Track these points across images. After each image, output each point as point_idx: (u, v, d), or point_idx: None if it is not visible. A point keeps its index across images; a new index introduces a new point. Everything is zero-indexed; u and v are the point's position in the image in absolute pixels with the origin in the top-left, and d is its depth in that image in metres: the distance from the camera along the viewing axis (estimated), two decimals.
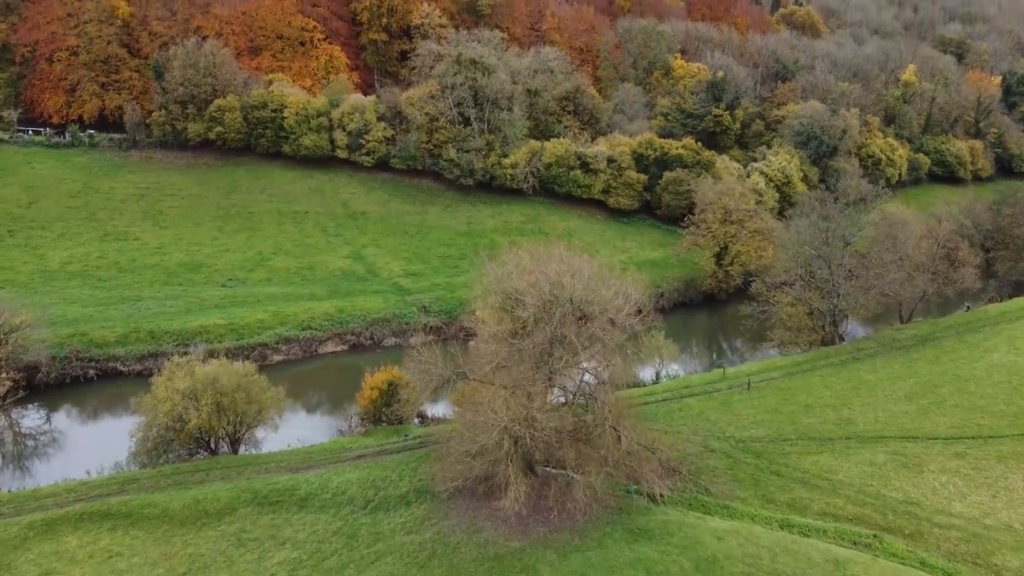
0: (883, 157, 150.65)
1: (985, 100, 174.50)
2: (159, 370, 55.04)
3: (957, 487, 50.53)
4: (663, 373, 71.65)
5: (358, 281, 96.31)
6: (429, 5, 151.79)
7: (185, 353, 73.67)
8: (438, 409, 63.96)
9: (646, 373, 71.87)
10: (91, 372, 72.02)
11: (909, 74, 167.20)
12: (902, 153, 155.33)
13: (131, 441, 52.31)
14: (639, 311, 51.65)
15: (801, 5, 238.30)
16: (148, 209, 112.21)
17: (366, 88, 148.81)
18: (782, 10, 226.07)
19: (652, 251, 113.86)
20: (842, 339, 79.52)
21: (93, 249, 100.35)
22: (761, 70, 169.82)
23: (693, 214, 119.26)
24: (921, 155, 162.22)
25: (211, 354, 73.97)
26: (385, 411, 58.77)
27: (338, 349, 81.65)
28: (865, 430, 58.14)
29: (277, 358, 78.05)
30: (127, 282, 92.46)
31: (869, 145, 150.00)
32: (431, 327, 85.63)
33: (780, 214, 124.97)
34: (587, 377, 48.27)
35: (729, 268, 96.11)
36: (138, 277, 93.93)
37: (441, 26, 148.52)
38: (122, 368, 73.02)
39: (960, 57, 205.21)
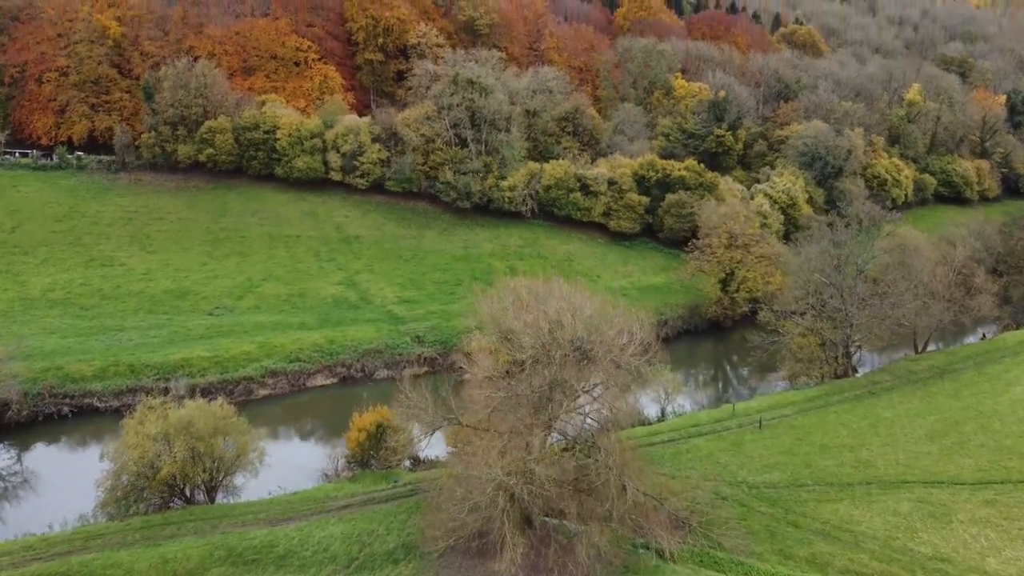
0: (889, 178, 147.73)
1: (991, 119, 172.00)
2: (131, 412, 51.32)
3: (990, 540, 46.76)
4: (669, 410, 67.98)
5: (350, 309, 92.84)
6: (426, 25, 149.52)
7: (165, 389, 70.60)
8: (431, 450, 60.20)
9: (651, 409, 68.21)
10: (65, 409, 68.34)
11: (913, 93, 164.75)
12: (908, 174, 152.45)
13: (98, 491, 48.56)
14: (645, 350, 48.03)
15: (801, 24, 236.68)
16: (135, 233, 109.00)
17: (362, 109, 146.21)
18: (782, 29, 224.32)
19: (654, 275, 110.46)
20: (855, 371, 75.96)
21: (77, 275, 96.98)
22: (763, 89, 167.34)
23: (696, 238, 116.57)
24: (927, 175, 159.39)
25: (193, 389, 70.76)
26: (374, 454, 55.08)
27: (327, 382, 78.00)
28: (886, 474, 54.43)
29: (263, 392, 74.38)
30: (110, 310, 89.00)
31: (874, 165, 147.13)
32: (425, 358, 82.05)
33: (786, 237, 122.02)
34: (589, 422, 44.70)
35: (735, 295, 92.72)
36: (122, 305, 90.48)
37: (438, 46, 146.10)
38: (98, 404, 69.34)
39: (963, 76, 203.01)
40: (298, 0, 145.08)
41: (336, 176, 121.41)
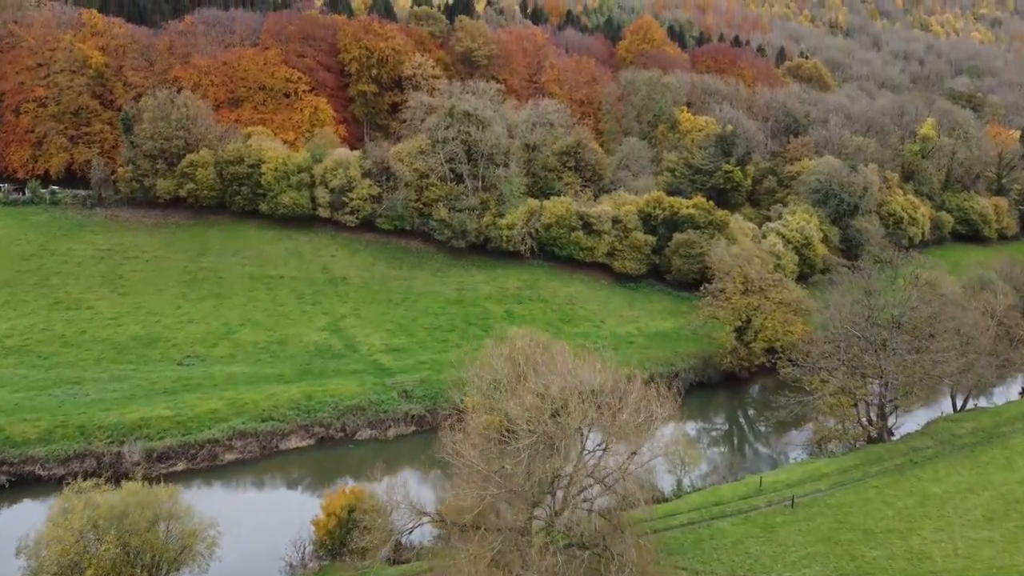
0: (905, 216, 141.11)
1: (1007, 155, 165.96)
2: (65, 488, 43.52)
3: None
4: (686, 482, 60.08)
5: (333, 358, 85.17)
6: (422, 56, 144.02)
7: (118, 454, 62.87)
8: (415, 534, 52.17)
9: (665, 481, 60.25)
10: (2, 478, 60.40)
11: (927, 128, 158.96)
12: (924, 211, 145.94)
13: None
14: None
15: (807, 58, 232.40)
16: (107, 274, 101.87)
17: (355, 142, 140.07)
18: (788, 63, 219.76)
19: (662, 320, 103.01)
20: (891, 434, 68.14)
21: (39, 320, 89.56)
22: (771, 124, 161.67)
23: (706, 279, 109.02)
24: (944, 213, 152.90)
25: (149, 454, 63.09)
26: (346, 542, 47.14)
27: (303, 444, 70.00)
28: (945, 568, 46.49)
29: (229, 457, 66.37)
30: (70, 360, 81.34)
31: (890, 203, 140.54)
32: (413, 416, 74.15)
33: (800, 278, 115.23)
34: (599, 520, 37.00)
35: (752, 344, 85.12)
36: (84, 354, 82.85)
37: (434, 77, 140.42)
38: (41, 472, 61.37)
39: (975, 110, 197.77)
40: (289, 29, 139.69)
41: (324, 213, 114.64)
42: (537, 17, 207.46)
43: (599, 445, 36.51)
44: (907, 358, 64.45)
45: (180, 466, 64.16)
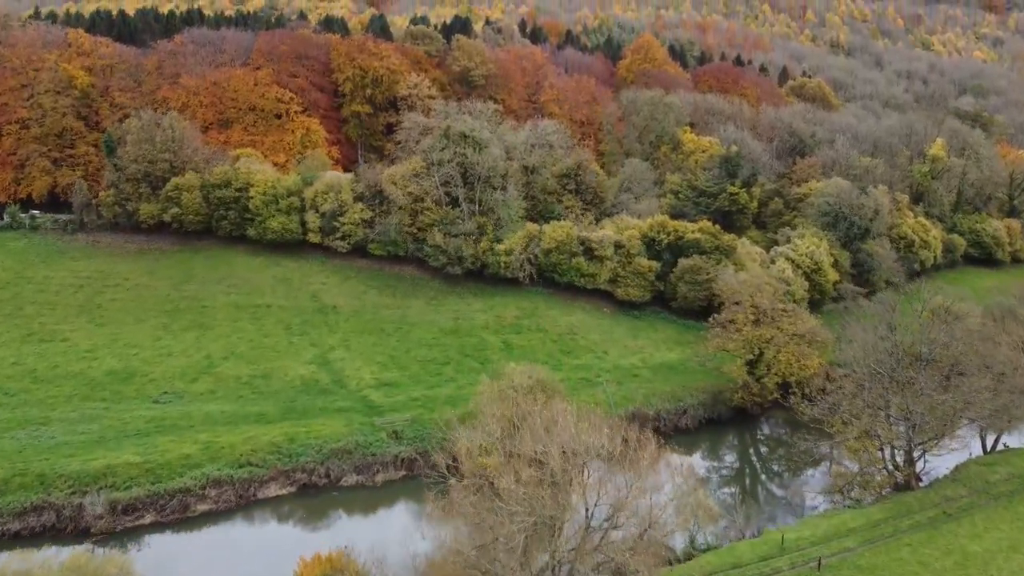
0: (916, 239, 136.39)
1: (1019, 176, 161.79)
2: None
3: None
4: (700, 539, 54.79)
5: (320, 394, 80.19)
6: (418, 76, 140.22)
7: (80, 505, 57.76)
8: None
9: (677, 538, 55.00)
10: None
11: (937, 148, 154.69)
12: (936, 234, 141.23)
13: None
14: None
15: (809, 77, 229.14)
16: (85, 303, 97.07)
17: (349, 164, 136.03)
18: (791, 82, 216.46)
19: (668, 351, 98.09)
20: (919, 480, 63.02)
21: (9, 353, 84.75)
22: (776, 144, 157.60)
23: (713, 307, 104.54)
24: (955, 236, 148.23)
25: (113, 506, 57.94)
26: None
27: (283, 492, 64.81)
28: None
29: (202, 508, 61.18)
30: (39, 397, 76.51)
31: (900, 225, 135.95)
32: (403, 460, 69.04)
33: (811, 305, 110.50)
34: None
35: (764, 379, 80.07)
36: (54, 390, 78.02)
37: (430, 97, 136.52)
38: None
39: (983, 130, 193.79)
40: (281, 49, 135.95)
41: (314, 238, 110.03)
42: (536, 37, 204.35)
43: (606, 520, 31.60)
44: (936, 398, 59.45)
45: (147, 518, 59.07)
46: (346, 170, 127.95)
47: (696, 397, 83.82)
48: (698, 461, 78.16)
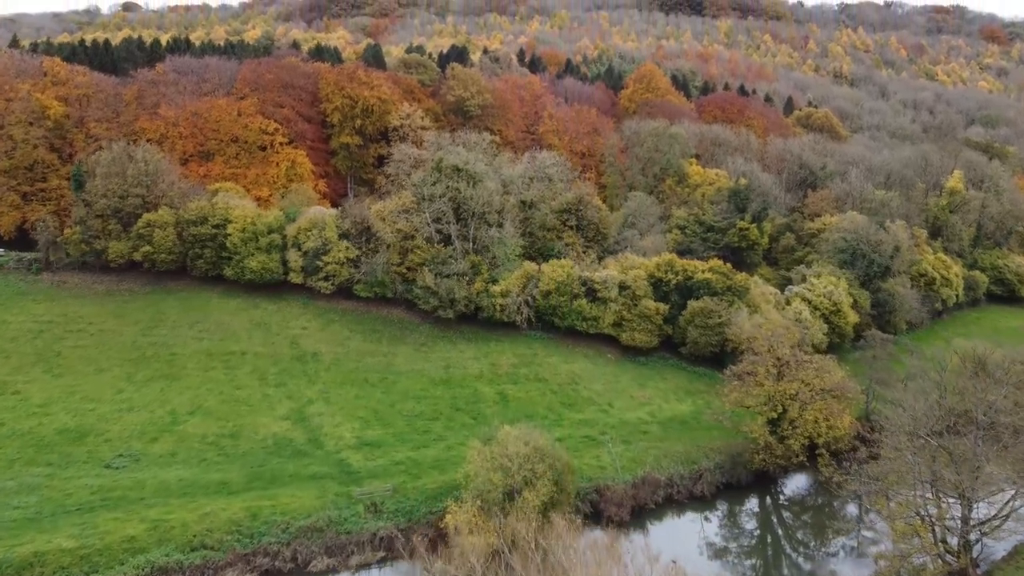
0: (937, 276, 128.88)
1: None
2: None
3: None
4: None
5: (293, 457, 71.86)
6: (410, 105, 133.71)
7: None
8: None
9: None
10: None
11: (954, 181, 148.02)
12: (957, 271, 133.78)
13: None
14: None
15: (815, 107, 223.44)
16: (43, 351, 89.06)
17: (338, 198, 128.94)
18: (797, 112, 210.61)
19: (678, 402, 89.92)
20: (976, 567, 54.55)
21: None
22: (785, 176, 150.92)
23: (726, 352, 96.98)
24: (977, 272, 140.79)
25: None
26: None
27: None
28: None
29: None
30: None
31: (920, 262, 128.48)
32: (382, 538, 60.48)
33: (829, 349, 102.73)
34: None
35: (789, 440, 71.76)
36: None
37: (423, 128, 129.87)
38: None
39: (999, 161, 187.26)
40: (267, 78, 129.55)
41: (296, 278, 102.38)
42: (535, 66, 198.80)
43: None
44: (997, 473, 51.24)
45: None
46: (334, 205, 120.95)
47: (712, 459, 75.33)
48: (714, 530, 69.92)
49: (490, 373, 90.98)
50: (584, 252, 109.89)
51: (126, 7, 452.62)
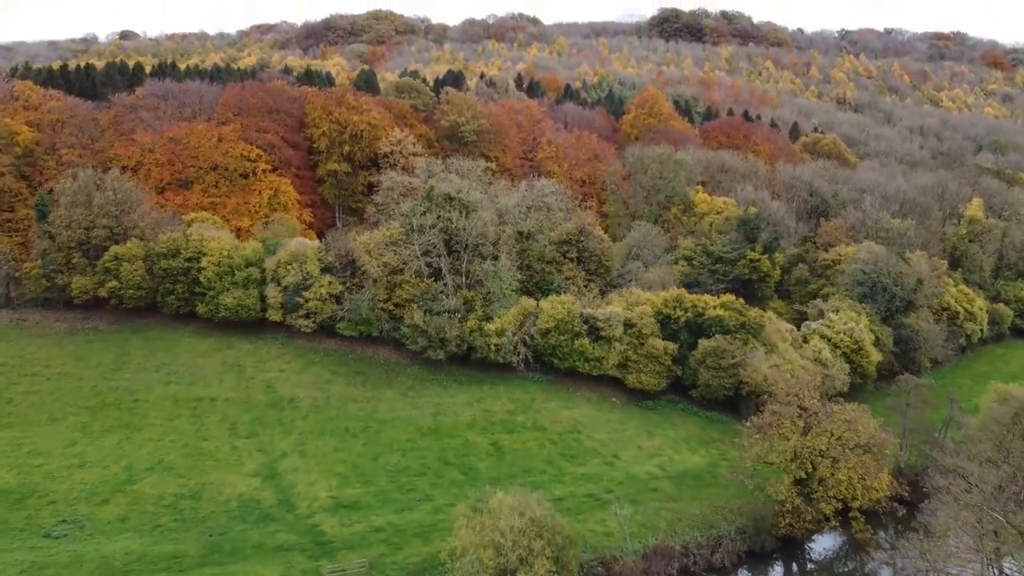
0: (961, 309, 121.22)
1: None
2: None
3: None
4: None
5: (259, 522, 63.63)
6: (402, 131, 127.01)
7: None
8: None
9: None
10: None
11: (974, 208, 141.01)
12: (980, 304, 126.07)
13: None
14: None
15: (822, 133, 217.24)
16: None
17: (325, 228, 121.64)
18: (803, 138, 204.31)
19: (691, 453, 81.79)
20: None
21: None
22: (795, 204, 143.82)
23: (740, 395, 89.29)
24: (1001, 305, 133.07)
25: None
26: None
27: None
28: None
29: None
30: None
31: (942, 295, 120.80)
32: None
33: (851, 390, 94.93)
34: None
35: (819, 502, 63.54)
36: None
37: (415, 154, 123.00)
38: None
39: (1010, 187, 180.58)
40: (250, 102, 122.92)
41: (275, 315, 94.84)
42: (533, 91, 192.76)
43: None
44: None
45: None
46: (321, 236, 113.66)
47: (732, 522, 67.03)
48: None
49: (483, 421, 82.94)
50: (586, 286, 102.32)
51: (123, 35, 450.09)
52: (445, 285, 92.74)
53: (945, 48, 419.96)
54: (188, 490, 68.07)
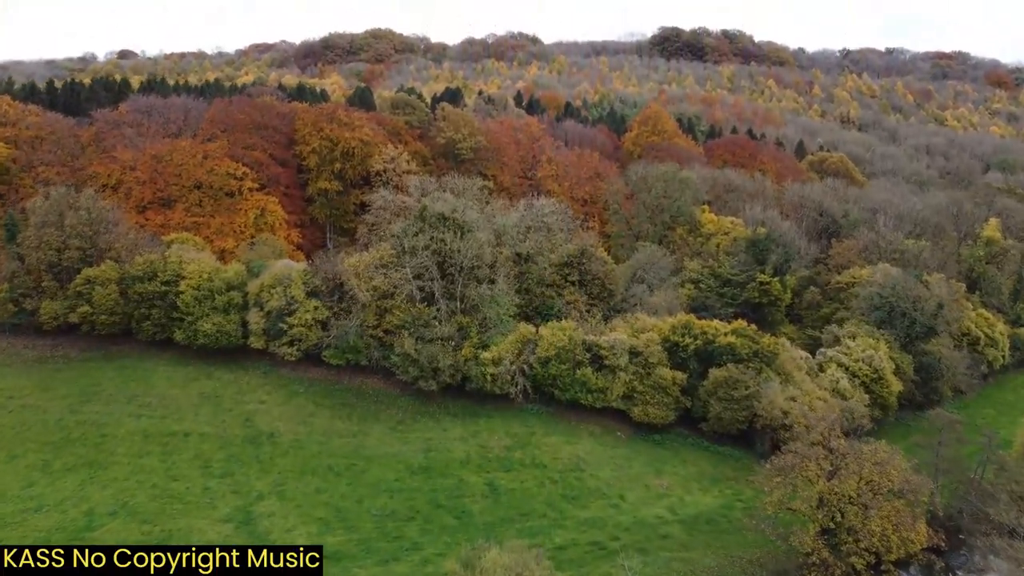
0: (981, 335, 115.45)
1: None
2: None
3: None
4: None
5: None
6: (396, 148, 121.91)
7: None
8: None
9: None
10: None
11: (991, 229, 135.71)
12: (1002, 329, 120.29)
13: None
14: None
15: (828, 152, 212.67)
16: None
17: (315, 249, 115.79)
18: (810, 156, 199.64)
19: (703, 492, 75.62)
20: None
21: None
22: (805, 224, 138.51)
23: (755, 428, 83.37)
24: (1022, 330, 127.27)
25: None
26: None
27: None
28: None
29: None
30: None
31: (962, 320, 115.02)
32: None
33: (873, 423, 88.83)
34: None
35: (849, 555, 57.33)
36: None
37: (409, 172, 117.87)
38: None
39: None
40: (237, 118, 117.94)
41: (257, 343, 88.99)
42: (532, 109, 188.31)
43: None
44: None
45: None
46: (309, 257, 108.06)
47: (751, 573, 60.79)
48: None
49: (479, 457, 76.79)
50: (588, 311, 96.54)
51: (122, 54, 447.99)
52: (438, 310, 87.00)
53: (948, 67, 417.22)
54: (154, 536, 61.87)
